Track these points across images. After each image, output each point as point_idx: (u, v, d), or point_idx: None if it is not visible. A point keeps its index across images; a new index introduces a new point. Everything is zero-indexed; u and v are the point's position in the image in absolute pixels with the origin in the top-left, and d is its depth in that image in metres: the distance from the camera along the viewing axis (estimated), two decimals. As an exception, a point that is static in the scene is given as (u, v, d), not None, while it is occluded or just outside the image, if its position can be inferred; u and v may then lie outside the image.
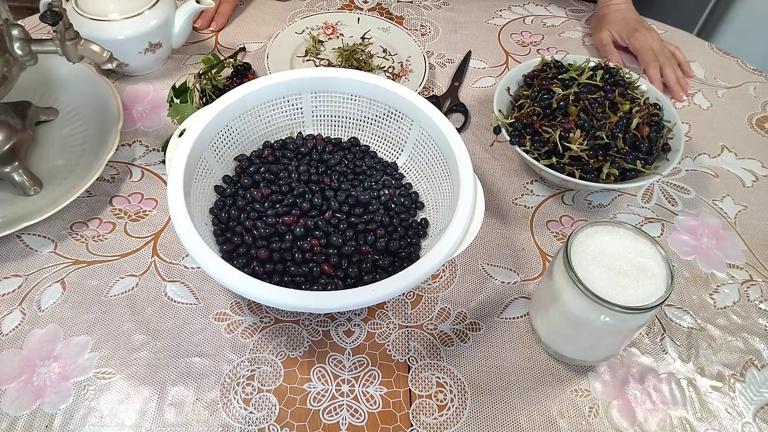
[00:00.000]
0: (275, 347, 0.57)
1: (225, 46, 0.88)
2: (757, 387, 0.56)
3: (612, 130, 0.65)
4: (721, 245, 0.68)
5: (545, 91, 0.70)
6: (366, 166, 0.66)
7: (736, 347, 0.59)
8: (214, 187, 0.62)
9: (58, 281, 0.60)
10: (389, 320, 0.59)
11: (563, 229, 0.68)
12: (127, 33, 0.75)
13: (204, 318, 0.58)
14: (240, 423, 0.52)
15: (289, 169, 0.63)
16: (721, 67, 0.90)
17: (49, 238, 0.64)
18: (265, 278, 0.55)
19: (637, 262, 0.49)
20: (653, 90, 0.73)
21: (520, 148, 0.66)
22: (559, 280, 0.51)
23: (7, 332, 0.56)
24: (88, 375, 0.54)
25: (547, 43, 0.93)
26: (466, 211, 0.53)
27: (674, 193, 0.73)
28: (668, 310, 0.62)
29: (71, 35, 0.61)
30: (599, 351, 0.55)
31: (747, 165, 0.77)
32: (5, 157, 0.64)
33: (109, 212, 0.67)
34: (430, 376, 0.56)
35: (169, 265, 0.62)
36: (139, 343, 0.56)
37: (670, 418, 0.54)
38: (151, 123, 0.77)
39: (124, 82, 0.82)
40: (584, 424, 0.53)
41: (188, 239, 0.50)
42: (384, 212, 0.61)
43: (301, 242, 0.57)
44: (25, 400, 0.52)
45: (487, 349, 0.58)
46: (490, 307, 0.61)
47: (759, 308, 0.62)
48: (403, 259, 0.58)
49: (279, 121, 0.67)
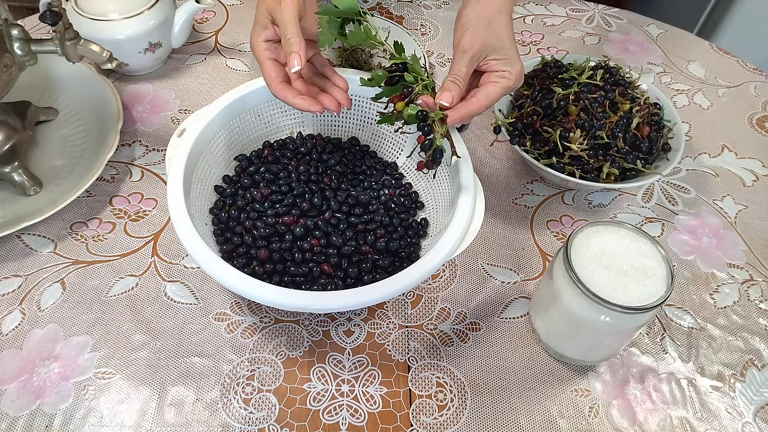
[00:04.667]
0: (275, 347, 0.57)
1: (225, 46, 0.88)
2: (757, 387, 0.56)
3: (612, 129, 0.65)
4: (722, 245, 0.68)
5: (545, 90, 0.70)
6: (366, 166, 0.66)
7: (737, 347, 0.59)
8: (214, 187, 0.62)
9: (58, 281, 0.60)
10: (389, 320, 0.59)
11: (563, 228, 0.68)
12: (127, 33, 0.75)
13: (204, 318, 0.58)
14: (240, 423, 0.52)
15: (289, 169, 0.63)
16: (721, 66, 0.90)
17: (49, 238, 0.64)
18: (265, 278, 0.55)
19: (637, 262, 0.49)
20: (653, 89, 0.73)
21: (520, 148, 0.66)
22: (559, 280, 0.51)
23: (7, 332, 0.56)
24: (88, 375, 0.54)
25: (547, 43, 0.93)
26: (466, 210, 0.53)
27: (674, 192, 0.73)
28: (668, 310, 0.62)
29: (71, 35, 0.61)
30: (599, 351, 0.55)
31: (747, 164, 0.77)
32: (5, 157, 0.64)
33: (109, 212, 0.67)
34: (430, 376, 0.56)
35: (169, 265, 0.62)
36: (139, 343, 0.56)
37: (670, 418, 0.54)
38: (151, 123, 0.77)
39: (124, 82, 0.82)
40: (584, 424, 0.53)
41: (188, 239, 0.50)
42: (384, 212, 0.61)
43: (301, 242, 0.57)
44: (25, 400, 0.52)
45: (487, 349, 0.58)
46: (490, 307, 0.61)
47: (759, 308, 0.62)
48: (403, 259, 0.58)
49: (279, 121, 0.67)
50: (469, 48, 0.55)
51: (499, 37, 0.56)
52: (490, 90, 0.55)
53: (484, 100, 0.55)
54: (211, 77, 0.83)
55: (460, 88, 0.55)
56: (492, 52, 0.56)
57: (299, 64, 0.53)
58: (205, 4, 0.79)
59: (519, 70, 0.56)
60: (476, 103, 0.54)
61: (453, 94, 0.54)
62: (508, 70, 0.56)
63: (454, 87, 0.54)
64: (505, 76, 0.56)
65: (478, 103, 0.54)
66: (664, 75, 0.88)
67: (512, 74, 0.56)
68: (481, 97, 0.55)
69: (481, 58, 0.56)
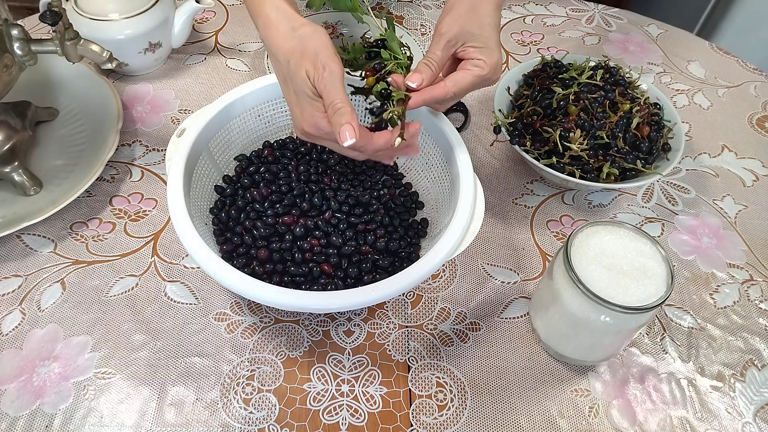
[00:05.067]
0: (275, 347, 0.57)
1: (225, 46, 0.88)
2: (757, 387, 0.56)
3: (612, 129, 0.65)
4: (722, 245, 0.68)
5: (545, 90, 0.70)
6: (366, 166, 0.66)
7: (737, 347, 0.59)
8: (214, 187, 0.62)
9: (58, 281, 0.60)
10: (389, 320, 0.59)
11: (563, 228, 0.68)
12: (127, 33, 0.75)
13: (204, 318, 0.58)
14: (240, 423, 0.52)
15: (289, 169, 0.63)
16: (721, 66, 0.90)
17: (49, 238, 0.64)
18: (265, 278, 0.55)
19: (637, 262, 0.49)
20: (653, 89, 0.73)
21: (520, 148, 0.66)
22: (559, 280, 0.51)
23: (7, 332, 0.56)
24: (88, 375, 0.54)
25: (547, 43, 0.93)
26: (466, 210, 0.53)
27: (674, 192, 0.73)
28: (668, 310, 0.62)
29: (71, 35, 0.61)
30: (599, 351, 0.55)
31: (747, 164, 0.77)
32: (5, 157, 0.64)
33: (109, 212, 0.67)
34: (430, 376, 0.56)
35: (169, 265, 0.62)
36: (139, 343, 0.56)
37: (670, 418, 0.54)
38: (151, 123, 0.77)
39: (124, 82, 0.82)
40: (584, 424, 0.53)
41: (188, 239, 0.50)
42: (384, 212, 0.61)
43: (301, 242, 0.57)
44: (25, 400, 0.52)
45: (487, 349, 0.58)
46: (490, 307, 0.61)
47: (759, 308, 0.62)
48: (403, 259, 0.58)
49: (279, 121, 0.67)
50: (446, 31, 0.53)
51: (479, 23, 0.53)
52: (459, 77, 0.53)
53: (452, 86, 0.53)
54: (211, 77, 0.83)
55: (432, 72, 0.52)
56: (470, 39, 0.53)
57: (353, 137, 0.47)
58: (205, 4, 0.79)
59: (495, 61, 0.53)
60: (442, 87, 0.52)
61: (423, 76, 0.52)
62: (482, 59, 0.53)
63: (426, 70, 0.52)
64: (478, 65, 0.53)
65: (444, 89, 0.52)
66: (664, 75, 0.88)
67: (486, 64, 0.53)
68: (448, 83, 0.53)
69: (459, 44, 0.54)
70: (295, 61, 0.49)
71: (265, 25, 0.52)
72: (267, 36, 0.52)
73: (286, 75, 0.50)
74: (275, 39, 0.51)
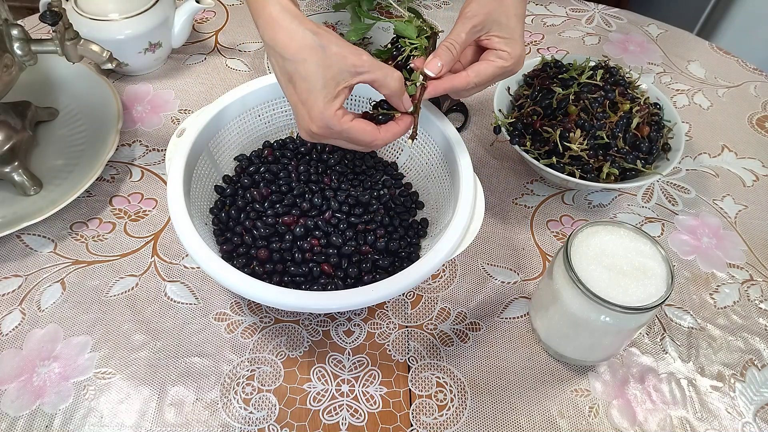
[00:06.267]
0: (275, 347, 0.57)
1: (225, 46, 0.88)
2: (757, 387, 0.56)
3: (612, 129, 0.65)
4: (722, 245, 0.68)
5: (545, 90, 0.70)
6: (366, 166, 0.66)
7: (737, 347, 0.59)
8: (214, 187, 0.62)
9: (58, 281, 0.60)
10: (389, 320, 0.59)
11: (563, 228, 0.68)
12: (127, 33, 0.75)
13: (204, 318, 0.58)
14: (240, 423, 0.52)
15: (289, 169, 0.63)
16: (721, 66, 0.90)
17: (49, 238, 0.64)
18: (265, 278, 0.55)
19: (637, 262, 0.49)
20: (653, 89, 0.73)
21: (520, 148, 0.66)
22: (559, 280, 0.51)
23: (7, 332, 0.56)
24: (88, 375, 0.54)
25: (547, 43, 0.93)
26: (466, 210, 0.53)
27: (674, 192, 0.73)
28: (668, 310, 0.62)
29: (71, 35, 0.61)
30: (599, 351, 0.55)
31: (747, 164, 0.77)
32: (5, 157, 0.64)
33: (109, 212, 0.67)
34: (430, 376, 0.56)
35: (169, 265, 0.62)
36: (139, 343, 0.56)
37: (670, 418, 0.54)
38: (151, 123, 0.77)
39: (124, 82, 0.82)
40: (584, 424, 0.53)
41: (188, 239, 0.50)
42: (384, 212, 0.61)
43: (301, 242, 0.57)
44: (25, 400, 0.52)
45: (487, 349, 0.58)
46: (490, 307, 0.61)
47: (759, 308, 0.62)
48: (403, 259, 0.58)
49: (279, 121, 0.67)
50: (473, 15, 0.52)
51: (506, 12, 0.52)
52: (482, 68, 0.52)
53: (474, 76, 0.51)
54: (211, 77, 0.83)
55: (452, 56, 0.51)
56: (496, 27, 0.52)
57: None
58: (205, 4, 0.79)
59: (519, 53, 0.52)
60: (463, 78, 0.51)
61: (442, 62, 0.50)
62: (507, 51, 0.52)
63: (446, 54, 0.51)
64: (502, 57, 0.52)
65: (466, 78, 0.51)
66: (664, 75, 0.88)
67: (510, 56, 0.52)
68: (471, 73, 0.51)
69: (484, 30, 0.52)
70: (317, 59, 0.47)
71: (268, 23, 0.49)
72: (271, 35, 0.49)
73: (293, 73, 0.48)
74: (281, 37, 0.48)
